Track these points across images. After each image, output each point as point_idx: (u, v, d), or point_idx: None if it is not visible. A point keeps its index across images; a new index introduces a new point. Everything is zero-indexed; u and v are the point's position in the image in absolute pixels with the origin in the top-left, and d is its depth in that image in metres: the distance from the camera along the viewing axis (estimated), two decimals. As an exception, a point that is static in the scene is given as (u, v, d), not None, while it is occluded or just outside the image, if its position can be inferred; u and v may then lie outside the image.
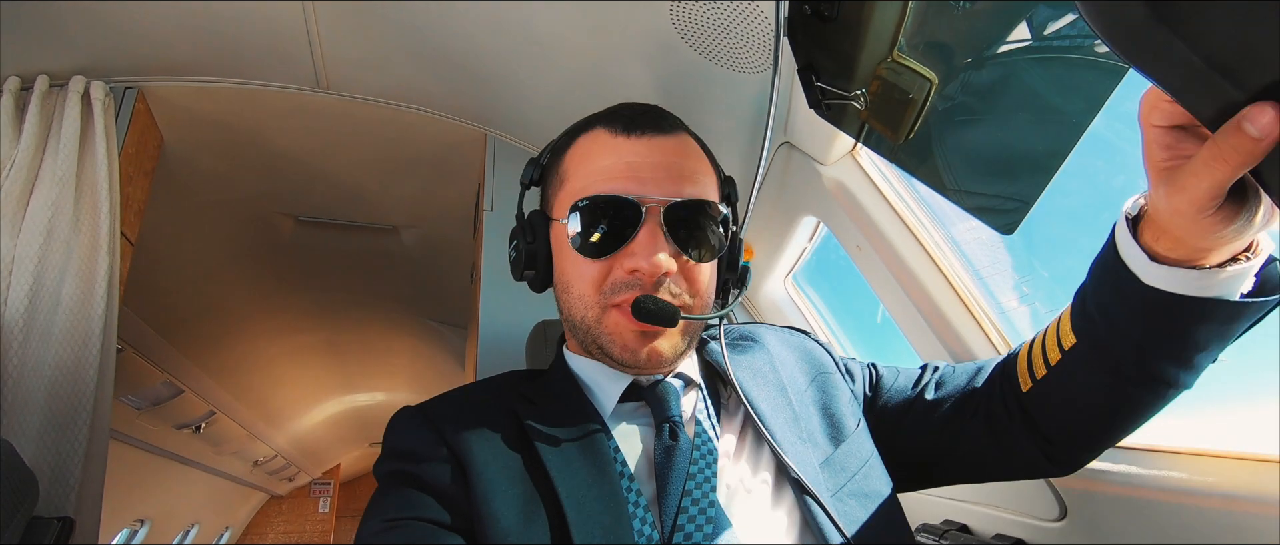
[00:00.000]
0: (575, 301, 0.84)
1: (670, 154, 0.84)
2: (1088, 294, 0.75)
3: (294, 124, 2.11)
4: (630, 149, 0.83)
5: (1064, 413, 0.82)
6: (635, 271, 0.79)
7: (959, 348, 1.26)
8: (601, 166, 0.83)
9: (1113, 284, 0.69)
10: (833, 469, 0.82)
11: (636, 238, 0.79)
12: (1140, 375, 0.73)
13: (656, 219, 0.79)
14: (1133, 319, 0.69)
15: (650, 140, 0.84)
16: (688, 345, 0.85)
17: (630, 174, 0.81)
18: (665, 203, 0.80)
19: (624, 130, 0.85)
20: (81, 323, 1.50)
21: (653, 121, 0.86)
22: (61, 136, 1.56)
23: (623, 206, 0.80)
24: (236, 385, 4.79)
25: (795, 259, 1.76)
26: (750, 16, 1.24)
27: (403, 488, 0.75)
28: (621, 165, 0.82)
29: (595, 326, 0.82)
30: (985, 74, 0.88)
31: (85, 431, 1.45)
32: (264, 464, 6.99)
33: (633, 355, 0.81)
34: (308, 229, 2.91)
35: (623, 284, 0.80)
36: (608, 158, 0.83)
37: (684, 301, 0.81)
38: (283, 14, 1.60)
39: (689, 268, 0.82)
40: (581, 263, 0.82)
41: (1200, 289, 0.62)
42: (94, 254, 1.56)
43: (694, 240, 0.82)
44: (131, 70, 1.76)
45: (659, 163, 0.83)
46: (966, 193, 0.97)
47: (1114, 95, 0.72)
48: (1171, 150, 0.52)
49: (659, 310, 0.77)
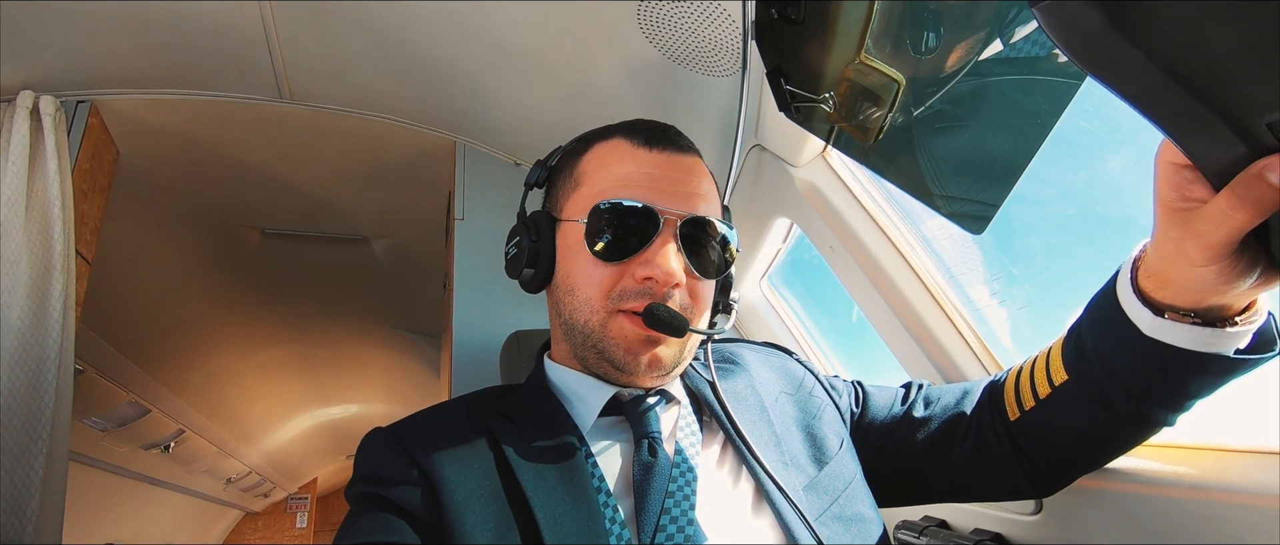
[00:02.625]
0: (580, 304, 0.83)
1: (685, 172, 0.86)
2: (1083, 334, 0.77)
3: (257, 135, 2.06)
4: (651, 161, 0.85)
5: (1052, 443, 0.85)
6: (649, 279, 0.79)
7: (933, 346, 1.27)
8: (622, 173, 0.84)
9: (1112, 331, 0.71)
10: (816, 492, 0.82)
11: (652, 247, 0.80)
12: (1131, 416, 0.76)
13: (672, 231, 0.81)
14: (1130, 366, 0.71)
15: (670, 156, 0.86)
16: (682, 358, 0.85)
17: (651, 185, 0.83)
18: (682, 216, 0.81)
19: (645, 143, 0.86)
20: (35, 346, 1.44)
21: (672, 139, 0.88)
22: (10, 154, 1.50)
23: (643, 215, 0.80)
24: (206, 402, 4.68)
25: (769, 261, 1.77)
26: (717, 19, 1.24)
27: (373, 511, 0.73)
28: (642, 175, 0.83)
29: (599, 330, 0.82)
30: (952, 76, 0.89)
31: (42, 459, 1.40)
32: (237, 481, 6.83)
33: (635, 359, 0.80)
34: (275, 241, 2.85)
35: (633, 292, 0.80)
36: (629, 166, 0.84)
37: (688, 314, 0.82)
38: (241, 23, 1.56)
39: (694, 283, 0.83)
40: (592, 266, 0.82)
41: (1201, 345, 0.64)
42: (47, 274, 1.50)
43: (702, 257, 0.83)
44: (83, 84, 1.70)
45: (677, 178, 0.84)
46: (935, 194, 0.97)
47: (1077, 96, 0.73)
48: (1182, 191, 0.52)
49: (671, 318, 0.77)
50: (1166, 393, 0.71)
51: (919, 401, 0.98)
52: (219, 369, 4.42)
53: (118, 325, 3.04)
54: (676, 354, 0.83)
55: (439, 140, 2.06)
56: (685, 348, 0.85)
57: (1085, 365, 0.77)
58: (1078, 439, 0.82)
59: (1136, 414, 0.75)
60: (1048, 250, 1.29)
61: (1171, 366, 0.67)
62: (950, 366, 1.27)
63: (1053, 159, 0.81)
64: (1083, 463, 0.87)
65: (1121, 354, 0.71)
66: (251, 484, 7.37)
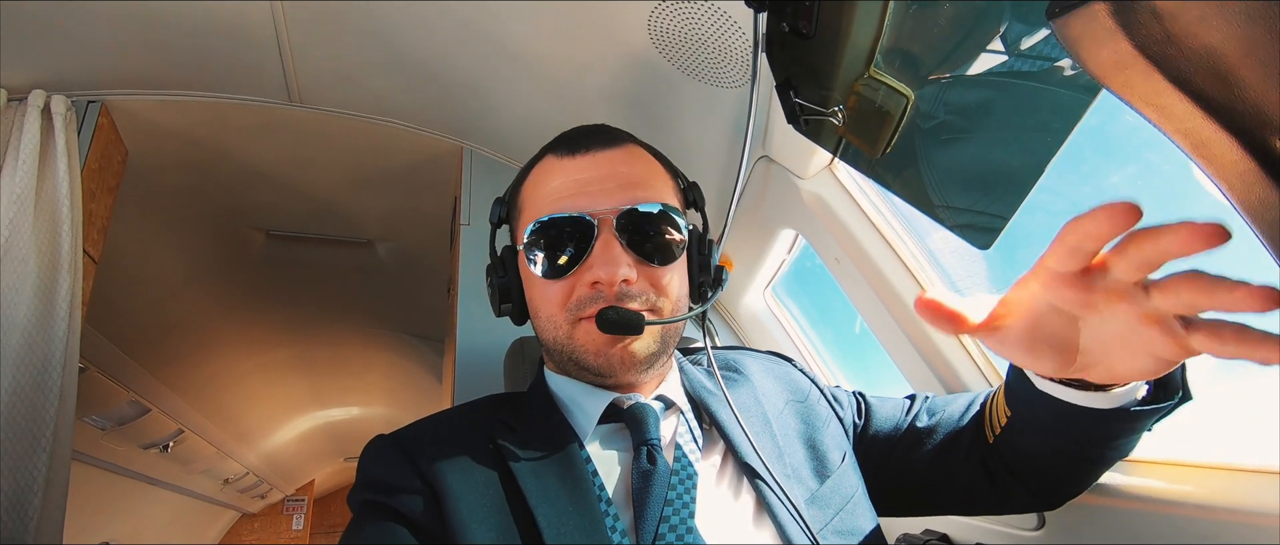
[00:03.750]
0: (545, 323, 0.85)
1: (616, 165, 0.85)
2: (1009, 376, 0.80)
3: (264, 137, 2.07)
4: (576, 167, 0.85)
5: (1026, 467, 0.86)
6: (597, 284, 0.79)
7: (936, 359, 1.27)
8: (551, 189, 0.84)
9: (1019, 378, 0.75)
10: (818, 505, 0.81)
11: (593, 251, 0.80)
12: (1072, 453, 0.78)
13: (610, 229, 0.80)
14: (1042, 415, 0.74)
15: (595, 155, 0.86)
16: (662, 347, 0.84)
17: (579, 191, 0.83)
18: (616, 211, 0.81)
19: (569, 151, 0.87)
20: (40, 345, 1.44)
21: (597, 138, 0.88)
22: (20, 153, 1.51)
23: (575, 223, 0.81)
24: (206, 403, 4.68)
25: (774, 271, 1.77)
26: (728, 31, 1.24)
27: (376, 519, 0.73)
28: (570, 184, 0.84)
29: (568, 342, 0.82)
30: (962, 90, 0.89)
31: (45, 458, 1.40)
32: (235, 482, 6.81)
33: (605, 360, 0.81)
34: (280, 243, 2.85)
35: (587, 299, 0.80)
36: (556, 179, 0.85)
37: (651, 305, 0.81)
38: (252, 26, 1.57)
39: (652, 272, 0.82)
40: (545, 286, 0.83)
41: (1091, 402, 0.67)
42: (54, 273, 1.50)
43: (651, 245, 0.82)
44: (94, 83, 1.71)
45: (606, 175, 0.84)
46: (943, 208, 0.98)
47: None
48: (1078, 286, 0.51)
49: (621, 319, 0.77)
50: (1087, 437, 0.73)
51: (922, 413, 0.98)
52: (220, 369, 4.42)
53: (121, 324, 3.04)
54: (651, 345, 0.82)
55: (445, 145, 2.06)
56: (663, 336, 0.84)
57: (1015, 404, 0.79)
58: (1043, 465, 0.84)
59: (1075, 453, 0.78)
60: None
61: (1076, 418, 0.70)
62: (954, 379, 1.27)
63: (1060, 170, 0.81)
64: (1065, 486, 0.87)
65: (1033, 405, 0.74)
66: (249, 485, 7.35)
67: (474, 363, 1.77)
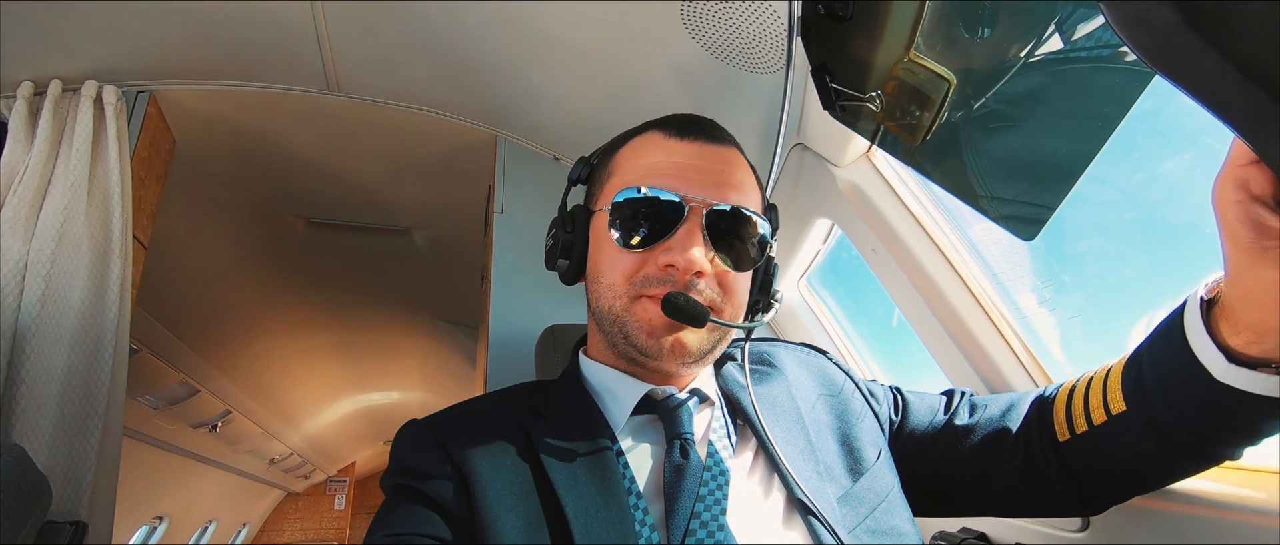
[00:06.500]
0: (605, 289, 0.83)
1: (719, 162, 0.84)
2: (1145, 368, 0.74)
3: (305, 126, 2.11)
4: (681, 151, 0.84)
5: (1103, 468, 0.82)
6: (670, 266, 0.78)
7: (977, 354, 1.24)
8: (650, 163, 0.84)
9: (1179, 371, 0.68)
10: (850, 503, 0.79)
11: (675, 234, 0.79)
12: (1194, 452, 0.73)
13: (698, 219, 0.79)
14: (1197, 407, 0.68)
15: (701, 146, 0.85)
16: (712, 347, 0.83)
17: (678, 173, 0.82)
18: (709, 205, 0.80)
19: (677, 134, 0.86)
20: (93, 326, 1.50)
21: (706, 130, 0.87)
22: (74, 141, 1.57)
23: (667, 203, 0.80)
24: (251, 385, 4.84)
25: (809, 261, 1.74)
26: (763, 16, 1.22)
27: (407, 503, 0.74)
28: (670, 164, 0.83)
29: (624, 314, 0.81)
30: (1006, 75, 0.85)
31: (98, 435, 1.45)
32: (280, 462, 7.06)
33: (657, 343, 0.79)
34: (320, 230, 2.92)
35: (655, 278, 0.79)
36: (658, 156, 0.84)
37: (714, 304, 0.80)
38: (292, 16, 1.59)
39: (724, 273, 0.81)
40: (617, 253, 0.82)
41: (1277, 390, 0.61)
42: (106, 258, 1.56)
43: (732, 247, 0.81)
44: (144, 74, 1.76)
45: (707, 168, 0.83)
46: (985, 197, 0.94)
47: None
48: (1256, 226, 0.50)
49: (689, 307, 0.76)
50: (1234, 434, 0.69)
51: (963, 410, 0.95)
52: (264, 352, 4.56)
53: (170, 308, 3.16)
54: (704, 342, 0.81)
55: (480, 134, 2.08)
56: (716, 338, 0.83)
57: (1145, 399, 0.74)
58: (1131, 467, 0.79)
59: (1198, 451, 0.72)
60: (1102, 257, 1.24)
61: (1242, 411, 0.64)
62: (996, 376, 1.23)
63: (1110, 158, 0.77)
64: (1134, 487, 0.83)
65: (1187, 394, 0.68)
66: (293, 465, 7.61)
67: (506, 349, 1.78)
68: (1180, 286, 0.73)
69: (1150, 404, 0.73)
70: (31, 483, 1.16)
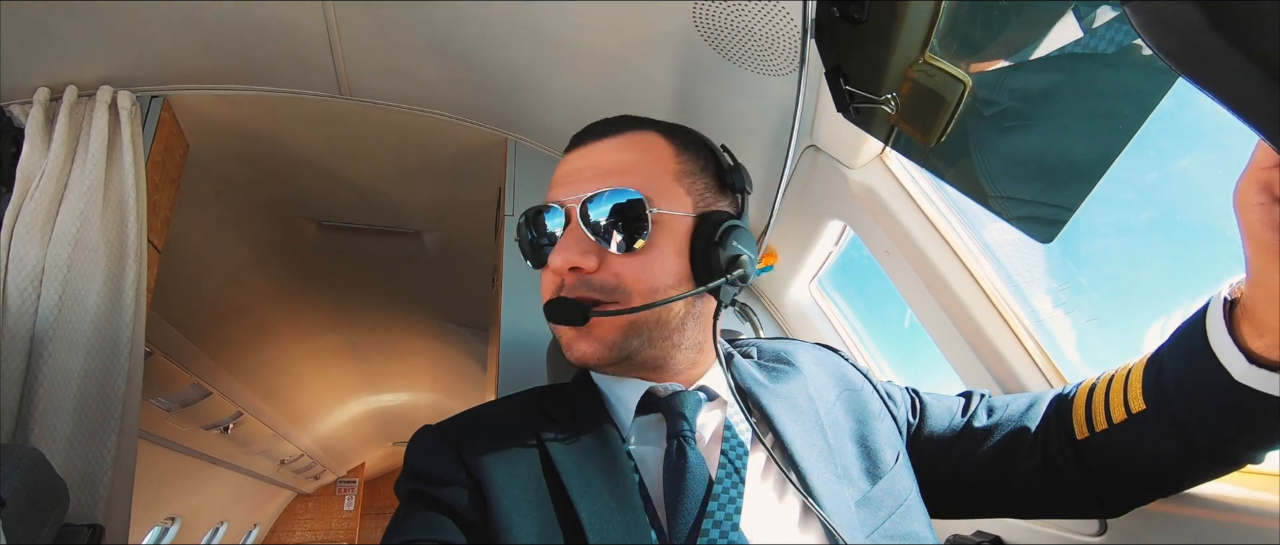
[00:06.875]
0: None
1: (600, 155, 0.85)
2: (1165, 368, 0.73)
3: (316, 130, 2.12)
4: (568, 160, 0.87)
5: (1123, 469, 0.81)
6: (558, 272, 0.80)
7: (991, 356, 1.23)
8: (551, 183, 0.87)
9: (1198, 370, 0.67)
10: (868, 507, 0.78)
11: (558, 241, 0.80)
12: (1215, 455, 0.72)
13: (575, 218, 0.80)
14: (1217, 409, 0.67)
15: (583, 149, 0.87)
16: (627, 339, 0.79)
17: (561, 182, 0.85)
18: (578, 200, 0.80)
19: (572, 145, 0.88)
20: (109, 330, 1.51)
21: (594, 132, 0.88)
22: (90, 146, 1.58)
23: (546, 213, 0.82)
24: (263, 387, 4.86)
25: (820, 263, 1.73)
26: (775, 18, 1.21)
27: (422, 509, 0.74)
28: (558, 176, 0.86)
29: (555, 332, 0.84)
30: (1023, 76, 0.85)
31: (114, 438, 1.46)
32: (290, 463, 7.09)
33: (571, 351, 0.81)
34: (331, 233, 2.93)
35: (553, 288, 0.81)
36: (556, 173, 0.87)
37: (600, 295, 0.79)
38: (304, 21, 1.60)
39: (612, 260, 0.79)
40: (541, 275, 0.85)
41: None
42: (121, 262, 1.57)
43: (612, 231, 0.79)
44: (157, 79, 1.77)
45: (587, 166, 0.84)
46: (1001, 199, 0.94)
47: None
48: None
49: (562, 309, 0.78)
50: (1255, 437, 0.68)
51: (981, 411, 0.94)
52: (276, 355, 4.58)
53: (183, 311, 3.18)
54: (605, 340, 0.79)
55: (490, 136, 2.08)
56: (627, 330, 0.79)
57: (1165, 399, 0.73)
58: (1150, 468, 0.78)
59: (1219, 453, 0.71)
60: (1119, 258, 1.23)
61: (1263, 413, 0.63)
62: (1010, 377, 1.22)
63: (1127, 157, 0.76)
64: (1154, 489, 0.82)
65: (1207, 395, 0.67)
66: (304, 466, 7.65)
67: (517, 351, 1.78)
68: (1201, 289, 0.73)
69: (1170, 404, 0.72)
70: (50, 486, 1.17)
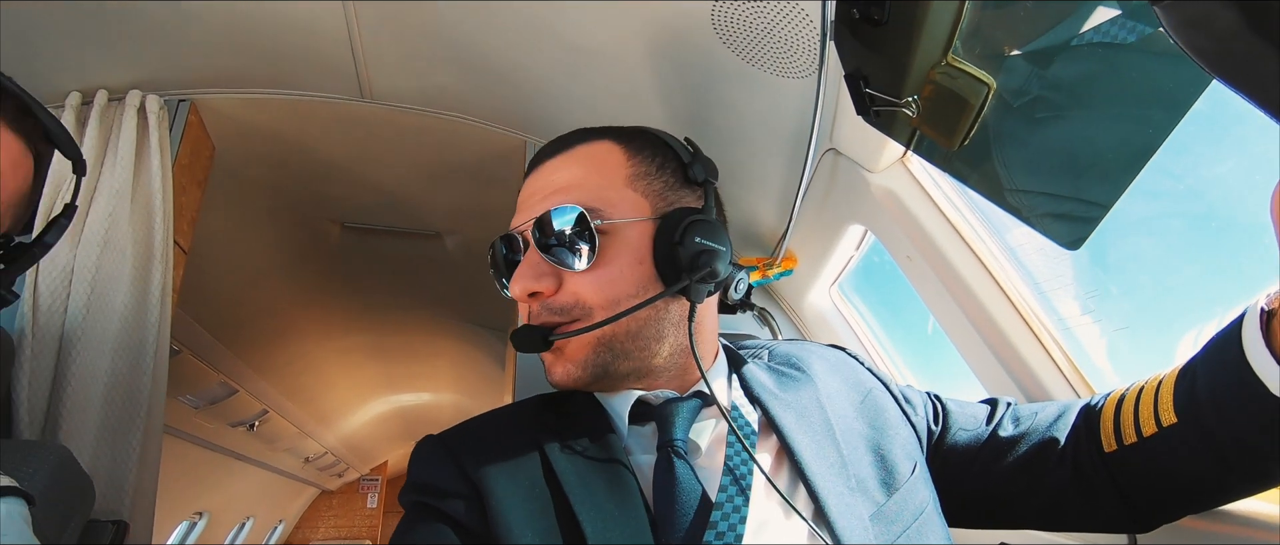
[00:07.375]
0: None
1: (550, 174, 0.84)
2: (1199, 378, 0.70)
3: (339, 133, 2.14)
4: (526, 184, 0.86)
5: (1153, 484, 0.78)
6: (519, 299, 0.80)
7: (1016, 364, 1.20)
8: None
9: (1233, 382, 0.65)
10: (883, 521, 0.74)
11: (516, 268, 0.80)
12: (1250, 471, 0.69)
13: (531, 243, 0.79)
14: (1251, 422, 0.64)
15: (541, 168, 0.86)
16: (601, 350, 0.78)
17: (519, 207, 0.84)
18: (528, 224, 0.79)
19: (529, 168, 0.88)
20: (136, 331, 1.54)
21: (551, 148, 0.87)
22: (119, 149, 1.61)
23: (507, 243, 0.82)
24: (288, 385, 4.94)
25: (841, 268, 1.71)
26: (795, 19, 1.20)
27: (425, 521, 0.74)
28: (518, 202, 0.85)
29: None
30: (1049, 79, 0.82)
31: (140, 436, 1.49)
32: (315, 460, 7.19)
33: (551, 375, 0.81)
34: (354, 235, 2.96)
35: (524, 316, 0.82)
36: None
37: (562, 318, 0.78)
38: (327, 25, 1.62)
39: (569, 278, 0.78)
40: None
41: None
42: (148, 263, 1.60)
43: (564, 251, 0.78)
44: (185, 83, 1.81)
45: (537, 188, 0.83)
46: (1026, 203, 0.91)
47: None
48: None
49: (528, 337, 0.78)
50: None
51: (1006, 420, 0.91)
52: (300, 354, 4.64)
53: (209, 310, 3.24)
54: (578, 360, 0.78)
55: (510, 140, 2.09)
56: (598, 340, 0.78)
57: (1198, 412, 0.70)
58: (1182, 484, 0.75)
59: (1254, 470, 0.68)
60: (1151, 263, 1.19)
61: None
62: (1035, 386, 1.19)
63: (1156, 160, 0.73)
64: (1185, 505, 0.79)
65: (1242, 409, 0.64)
66: (328, 464, 7.75)
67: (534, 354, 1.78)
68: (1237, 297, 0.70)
69: (1203, 417, 0.69)
70: (76, 483, 1.19)
